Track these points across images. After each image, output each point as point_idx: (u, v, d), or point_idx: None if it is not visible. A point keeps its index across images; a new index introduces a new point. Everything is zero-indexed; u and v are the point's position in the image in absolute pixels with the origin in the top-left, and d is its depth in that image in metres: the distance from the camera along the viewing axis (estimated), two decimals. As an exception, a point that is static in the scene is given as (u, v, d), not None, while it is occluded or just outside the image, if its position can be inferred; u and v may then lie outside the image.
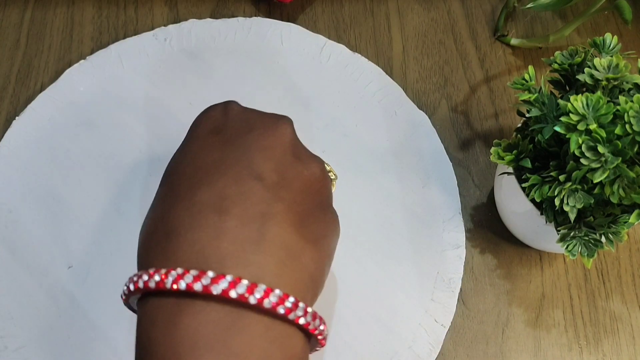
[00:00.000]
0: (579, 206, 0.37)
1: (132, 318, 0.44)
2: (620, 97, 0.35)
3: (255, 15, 0.56)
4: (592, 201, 0.37)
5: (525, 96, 0.39)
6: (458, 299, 0.46)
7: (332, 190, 0.38)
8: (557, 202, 0.37)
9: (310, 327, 0.30)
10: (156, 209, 0.33)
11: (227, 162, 0.32)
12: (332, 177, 0.41)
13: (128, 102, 0.51)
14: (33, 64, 0.54)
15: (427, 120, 0.51)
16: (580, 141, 0.35)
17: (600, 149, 0.34)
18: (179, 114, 0.51)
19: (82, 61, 0.53)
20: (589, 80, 0.38)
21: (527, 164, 0.39)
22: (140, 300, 0.30)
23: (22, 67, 0.54)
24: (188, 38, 0.54)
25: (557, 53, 0.41)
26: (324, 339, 0.32)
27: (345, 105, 0.52)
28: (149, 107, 0.51)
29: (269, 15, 0.56)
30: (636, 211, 0.36)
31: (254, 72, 0.53)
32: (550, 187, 0.37)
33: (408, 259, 0.47)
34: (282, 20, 0.56)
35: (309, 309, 0.30)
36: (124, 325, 0.44)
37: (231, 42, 0.54)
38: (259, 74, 0.53)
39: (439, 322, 0.45)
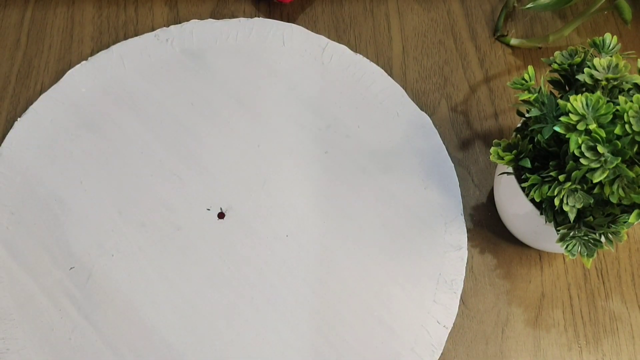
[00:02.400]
0: (579, 206, 0.37)
1: (132, 321, 0.44)
2: (619, 97, 0.35)
3: (256, 15, 0.56)
4: (592, 201, 0.37)
5: (525, 96, 0.39)
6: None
7: None
8: (556, 202, 0.37)
9: None
10: None
11: None
12: None
13: (129, 103, 0.51)
14: (33, 64, 0.54)
15: (429, 121, 0.51)
16: (579, 141, 0.35)
17: (600, 148, 0.34)
18: (180, 115, 0.51)
19: (83, 62, 0.53)
20: (588, 80, 0.38)
21: (527, 164, 0.39)
22: None
23: (22, 67, 0.53)
24: (190, 39, 0.54)
25: (556, 53, 0.41)
26: None
27: (347, 106, 0.52)
28: (150, 108, 0.51)
29: (269, 15, 0.56)
30: (636, 211, 0.36)
31: (255, 73, 0.53)
32: (549, 187, 0.37)
33: (410, 261, 0.47)
34: (282, 20, 0.56)
35: None
36: (125, 328, 0.44)
37: (233, 43, 0.54)
38: (260, 75, 0.53)
39: (441, 323, 0.45)
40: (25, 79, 0.53)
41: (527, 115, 0.42)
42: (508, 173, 0.42)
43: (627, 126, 0.34)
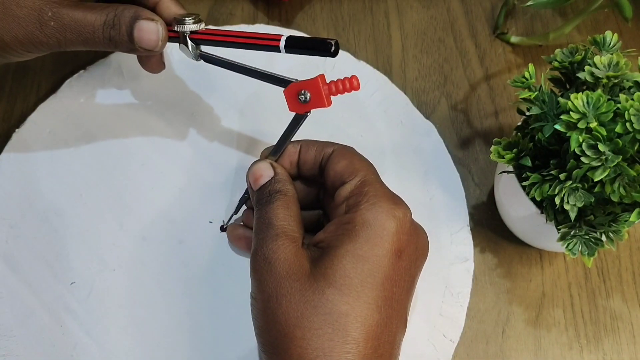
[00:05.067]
0: (580, 205, 0.37)
1: (134, 337, 0.44)
2: (620, 95, 0.35)
3: (254, 14, 0.56)
4: (593, 200, 0.36)
5: (526, 94, 0.39)
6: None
7: None
8: (557, 200, 0.37)
9: None
10: (375, 311, 0.34)
11: (402, 299, 0.36)
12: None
13: (129, 113, 0.50)
14: (29, 63, 0.53)
15: (434, 130, 0.51)
16: (580, 139, 0.34)
17: (601, 147, 0.34)
18: (181, 125, 0.50)
19: (81, 71, 0.52)
20: (589, 78, 0.38)
21: (527, 162, 0.39)
22: None
23: (18, 64, 0.53)
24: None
25: (557, 51, 0.41)
26: None
27: (350, 115, 0.51)
28: (150, 118, 0.50)
29: (268, 13, 0.56)
30: (637, 210, 0.36)
31: (256, 81, 0.52)
32: (550, 186, 0.37)
33: None
34: (280, 18, 0.56)
35: None
36: (127, 343, 0.43)
37: (233, 50, 0.53)
38: (261, 83, 0.52)
39: (447, 337, 0.44)
40: (22, 78, 0.53)
41: (527, 113, 0.42)
42: (508, 172, 0.42)
43: (628, 124, 0.34)
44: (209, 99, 0.51)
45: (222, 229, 0.46)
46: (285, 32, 0.54)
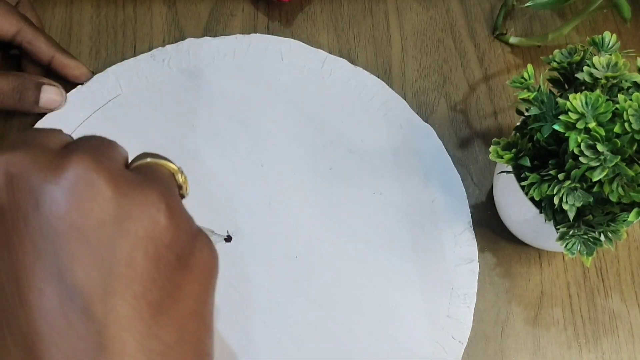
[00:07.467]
0: (578, 205, 0.37)
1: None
2: (619, 95, 0.35)
3: (254, 14, 0.56)
4: (591, 200, 0.37)
5: (524, 95, 0.39)
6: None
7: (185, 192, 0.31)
8: (556, 200, 0.37)
9: None
10: None
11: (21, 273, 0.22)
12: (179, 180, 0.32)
13: (128, 127, 0.50)
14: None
15: (433, 132, 0.51)
16: (579, 140, 0.35)
17: (599, 147, 0.34)
18: (181, 138, 0.50)
19: (79, 86, 0.51)
20: (588, 79, 0.38)
21: (526, 162, 0.39)
22: None
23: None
24: (187, 58, 0.53)
25: (556, 51, 0.41)
26: None
27: (350, 121, 0.51)
28: (150, 131, 0.50)
29: (268, 14, 0.56)
30: (635, 209, 0.36)
31: (255, 90, 0.52)
32: (549, 186, 0.37)
33: (421, 276, 0.46)
34: (280, 19, 0.56)
35: None
36: None
37: (231, 61, 0.53)
38: (260, 92, 0.52)
39: (456, 338, 0.44)
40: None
41: (526, 113, 0.42)
42: (507, 172, 0.42)
43: (626, 124, 0.34)
44: (209, 109, 0.51)
45: (228, 239, 0.46)
46: (283, 42, 0.54)
